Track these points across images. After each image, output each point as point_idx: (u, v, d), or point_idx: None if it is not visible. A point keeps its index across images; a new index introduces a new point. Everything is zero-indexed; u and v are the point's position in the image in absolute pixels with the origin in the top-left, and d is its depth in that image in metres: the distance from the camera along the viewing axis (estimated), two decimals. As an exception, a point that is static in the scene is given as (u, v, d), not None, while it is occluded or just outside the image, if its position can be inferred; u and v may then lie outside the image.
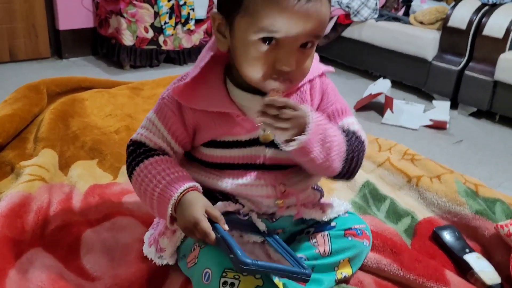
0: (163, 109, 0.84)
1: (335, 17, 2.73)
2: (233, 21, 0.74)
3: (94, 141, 1.39)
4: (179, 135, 0.84)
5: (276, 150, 0.84)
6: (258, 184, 0.84)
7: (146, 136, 0.85)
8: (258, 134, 0.83)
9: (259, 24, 0.70)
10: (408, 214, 1.17)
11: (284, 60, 0.72)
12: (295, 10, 0.68)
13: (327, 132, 0.78)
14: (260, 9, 0.70)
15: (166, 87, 1.86)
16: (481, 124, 2.19)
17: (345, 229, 0.88)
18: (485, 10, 2.25)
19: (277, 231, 0.89)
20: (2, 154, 1.30)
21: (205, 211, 0.75)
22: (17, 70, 2.48)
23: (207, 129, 0.83)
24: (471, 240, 1.10)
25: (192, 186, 0.79)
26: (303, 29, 0.70)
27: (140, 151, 0.84)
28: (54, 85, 1.62)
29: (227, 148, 0.84)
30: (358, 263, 0.89)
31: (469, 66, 2.27)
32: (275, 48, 0.72)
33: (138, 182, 0.82)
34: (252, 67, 0.74)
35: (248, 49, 0.73)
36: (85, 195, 1.17)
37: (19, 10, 2.51)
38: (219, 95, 0.81)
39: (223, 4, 0.77)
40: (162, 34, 2.61)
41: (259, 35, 0.71)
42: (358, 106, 2.21)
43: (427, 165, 1.35)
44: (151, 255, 0.91)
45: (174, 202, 0.77)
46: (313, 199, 0.93)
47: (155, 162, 0.81)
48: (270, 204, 0.86)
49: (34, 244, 1.00)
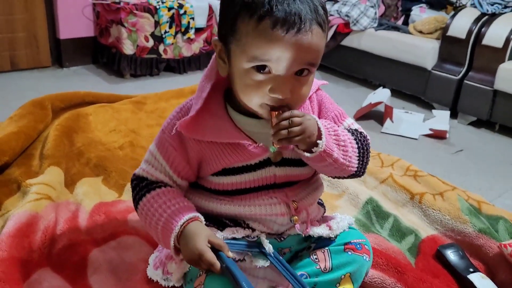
0: (164, 144, 0.84)
1: (335, 26, 2.75)
2: (230, 49, 0.76)
3: (98, 158, 1.40)
4: (181, 170, 0.85)
5: (286, 167, 0.85)
6: (271, 203, 0.85)
7: (147, 171, 0.86)
8: (268, 155, 0.83)
9: (250, 53, 0.71)
10: (411, 232, 1.18)
11: (277, 89, 0.73)
12: (284, 42, 0.69)
13: (337, 133, 0.81)
14: (251, 40, 0.71)
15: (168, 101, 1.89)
16: (481, 134, 2.20)
17: (345, 244, 0.89)
18: (484, 19, 2.27)
19: (284, 250, 0.90)
20: (9, 172, 1.31)
21: (208, 240, 0.76)
22: (18, 79, 2.48)
23: (216, 159, 0.83)
24: (474, 259, 1.11)
25: (192, 217, 0.80)
26: (294, 59, 0.71)
27: (142, 185, 0.85)
28: (59, 100, 1.63)
29: (237, 174, 0.84)
30: (359, 279, 0.89)
31: (468, 76, 2.28)
32: (269, 76, 0.73)
33: (143, 216, 0.84)
34: (247, 95, 0.76)
35: (243, 76, 0.74)
36: (91, 213, 1.17)
37: (20, 20, 2.51)
38: (225, 126, 0.81)
39: (221, 31, 0.78)
40: (162, 43, 2.62)
41: (251, 64, 0.72)
42: (357, 115, 2.22)
43: (430, 181, 1.36)
44: (157, 277, 0.92)
45: (176, 235, 0.78)
46: (318, 214, 0.94)
47: (157, 195, 0.83)
48: (284, 222, 0.86)
49: (41, 264, 1.00)
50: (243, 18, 0.72)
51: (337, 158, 0.80)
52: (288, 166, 0.86)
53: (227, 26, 0.75)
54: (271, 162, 0.84)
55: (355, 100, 2.44)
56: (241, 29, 0.72)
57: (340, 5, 2.79)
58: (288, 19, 0.69)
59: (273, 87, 0.73)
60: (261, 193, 0.85)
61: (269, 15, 0.69)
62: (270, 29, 0.69)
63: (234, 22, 0.73)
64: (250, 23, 0.71)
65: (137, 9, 2.48)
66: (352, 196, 1.32)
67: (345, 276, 0.86)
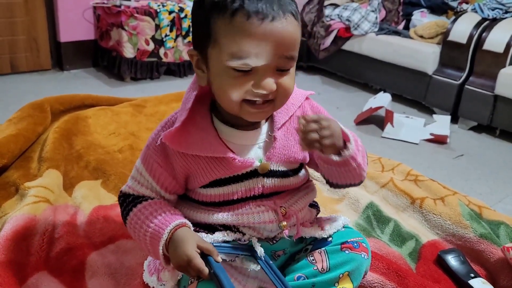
0: (149, 160, 0.84)
1: (335, 30, 2.75)
2: (206, 54, 0.75)
3: (98, 161, 1.39)
4: (168, 185, 0.85)
5: (273, 178, 0.85)
6: (259, 211, 0.84)
7: (133, 188, 0.86)
8: (255, 166, 0.83)
9: (229, 51, 0.70)
10: (412, 237, 1.17)
11: (260, 83, 0.72)
12: (260, 32, 0.69)
13: (355, 138, 0.82)
14: (227, 38, 0.70)
15: (168, 104, 1.88)
16: (482, 139, 2.20)
17: (341, 243, 0.88)
18: (485, 24, 2.27)
19: (278, 253, 0.90)
20: (7, 174, 1.30)
21: (197, 246, 0.76)
22: (18, 82, 2.48)
23: (202, 173, 0.82)
24: (475, 264, 1.10)
25: (180, 223, 0.79)
26: (273, 49, 0.70)
27: (129, 200, 0.85)
28: (58, 103, 1.63)
29: (224, 186, 0.83)
30: (358, 277, 0.88)
31: (469, 81, 2.28)
32: (250, 73, 0.72)
33: (131, 230, 0.84)
34: (228, 95, 0.73)
35: (222, 76, 0.73)
36: (89, 216, 1.17)
37: (20, 22, 2.52)
38: (209, 139, 0.80)
39: (195, 39, 0.78)
40: (162, 47, 2.62)
41: (231, 62, 0.71)
42: (358, 119, 2.22)
43: (431, 186, 1.35)
44: (153, 283, 0.91)
45: (164, 243, 0.78)
46: (310, 217, 0.94)
47: (143, 208, 0.83)
48: (273, 228, 0.86)
49: (39, 267, 0.99)
50: (215, 19, 0.71)
51: (360, 163, 0.81)
52: (276, 178, 0.85)
53: (200, 32, 0.75)
54: (259, 173, 0.84)
55: (356, 105, 2.44)
56: (215, 30, 0.72)
57: (341, 9, 2.80)
58: (261, 10, 0.69)
59: (256, 82, 0.72)
60: (249, 202, 0.85)
61: (241, 9, 0.69)
62: (245, 21, 0.69)
63: (207, 25, 0.72)
64: (223, 22, 0.70)
65: (138, 12, 2.49)
66: (353, 200, 1.31)
67: (343, 275, 0.85)
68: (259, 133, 0.84)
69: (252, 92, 0.73)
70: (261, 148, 0.84)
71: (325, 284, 0.85)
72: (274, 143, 0.83)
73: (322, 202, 1.30)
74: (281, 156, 0.84)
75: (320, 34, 2.79)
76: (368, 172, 1.40)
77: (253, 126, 0.83)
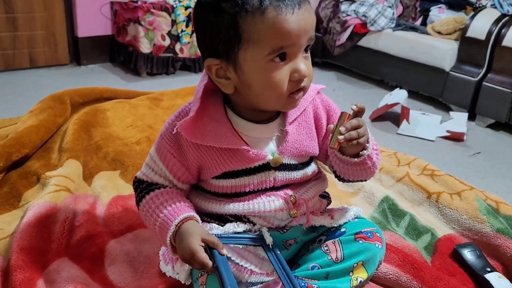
0: (162, 150, 0.85)
1: (352, 26, 2.74)
2: (236, 58, 0.75)
3: (116, 152, 1.41)
4: (181, 175, 0.86)
5: (285, 171, 0.86)
6: (269, 200, 0.85)
7: (147, 175, 0.88)
8: (268, 159, 0.84)
9: (269, 46, 0.72)
10: (428, 230, 1.17)
11: (301, 69, 0.75)
12: (293, 21, 0.71)
13: (371, 137, 0.84)
14: (265, 33, 0.71)
15: (184, 98, 1.90)
16: (499, 136, 2.17)
17: (355, 233, 0.89)
18: (504, 20, 2.24)
19: (289, 242, 0.91)
20: (28, 164, 1.33)
21: (202, 239, 0.77)
22: (36, 76, 2.52)
23: (215, 164, 0.83)
24: (492, 259, 1.09)
25: (187, 216, 0.80)
26: (304, 35, 0.74)
27: (143, 187, 0.87)
28: (77, 95, 1.65)
29: (237, 178, 0.85)
30: (372, 266, 0.89)
31: (487, 77, 2.25)
32: (287, 62, 0.75)
33: (143, 217, 0.87)
34: (277, 89, 0.75)
35: (265, 73, 0.74)
36: (108, 206, 1.19)
37: (39, 18, 2.56)
38: (224, 131, 0.81)
39: (216, 47, 0.76)
40: (178, 42, 2.64)
41: (272, 57, 0.73)
42: (373, 116, 2.21)
43: (447, 181, 1.35)
44: (169, 272, 0.93)
45: (171, 235, 0.79)
46: (320, 207, 0.94)
47: (155, 196, 0.84)
48: (284, 217, 0.87)
49: (60, 254, 1.02)
50: (245, 20, 0.71)
51: (375, 162, 0.83)
52: (288, 171, 0.87)
53: (225, 38, 0.74)
54: (271, 166, 0.85)
55: (371, 101, 2.42)
56: (248, 31, 0.72)
57: (357, 5, 2.78)
58: (288, 1, 0.71)
59: (295, 69, 0.75)
60: (260, 194, 0.86)
61: (271, 4, 0.70)
62: (279, 14, 0.70)
63: (235, 29, 0.72)
64: (256, 21, 0.71)
65: (154, 8, 2.51)
66: (368, 194, 1.31)
67: (357, 264, 0.86)
68: (272, 127, 0.85)
69: (293, 82, 0.76)
70: (274, 141, 0.85)
71: (339, 273, 0.85)
72: (286, 137, 0.84)
73: (337, 195, 1.30)
74: (293, 150, 0.85)
75: (336, 30, 2.78)
76: (383, 166, 1.42)
77: (266, 120, 0.84)
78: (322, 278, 0.85)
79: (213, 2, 0.73)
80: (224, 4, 0.72)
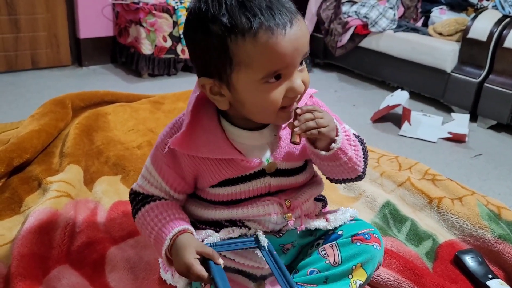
0: (158, 161, 0.85)
1: (353, 27, 2.73)
2: (229, 79, 0.73)
3: (117, 157, 1.41)
4: (177, 186, 0.86)
5: (280, 177, 0.86)
6: (264, 204, 0.86)
7: (143, 187, 0.88)
8: (263, 166, 0.84)
9: (263, 70, 0.71)
10: (429, 236, 1.17)
11: (297, 87, 0.74)
12: (287, 41, 0.69)
13: (348, 132, 0.83)
14: (258, 57, 0.70)
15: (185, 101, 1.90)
16: (501, 138, 2.17)
17: (352, 235, 0.88)
18: (506, 22, 2.23)
19: (286, 246, 0.91)
20: (29, 169, 1.33)
21: (196, 252, 0.77)
22: (38, 77, 2.52)
23: (211, 173, 0.83)
24: (493, 265, 1.09)
25: (181, 230, 0.80)
26: (298, 51, 0.72)
27: (138, 199, 0.87)
28: (79, 99, 1.65)
29: (233, 185, 0.85)
30: (371, 268, 0.88)
31: (489, 79, 2.24)
32: (283, 82, 0.73)
33: (139, 229, 0.87)
34: (271, 107, 0.75)
35: (258, 93, 0.73)
36: (109, 211, 1.19)
37: (41, 19, 2.56)
38: (218, 141, 0.81)
39: (209, 68, 0.75)
40: (180, 43, 2.64)
41: (267, 78, 0.72)
42: (375, 117, 2.21)
43: (448, 186, 1.34)
44: (169, 280, 0.93)
45: (166, 249, 0.80)
46: (315, 209, 0.94)
47: (151, 209, 0.85)
48: (278, 220, 0.87)
49: (60, 261, 1.02)
50: (236, 43, 0.69)
51: (351, 157, 0.81)
52: (283, 176, 0.87)
53: (216, 60, 0.73)
54: (266, 172, 0.85)
55: (373, 102, 2.42)
56: (239, 54, 0.70)
57: (358, 6, 2.77)
58: (279, 20, 0.69)
59: (290, 88, 0.74)
60: (256, 200, 0.86)
61: (262, 26, 0.68)
62: (271, 36, 0.69)
63: (225, 52, 0.71)
64: (247, 43, 0.69)
65: (156, 9, 2.51)
66: (369, 199, 1.31)
67: (356, 266, 0.85)
68: (265, 133, 0.85)
69: (288, 98, 0.75)
70: (267, 148, 0.85)
71: (338, 276, 0.85)
72: (279, 142, 0.84)
73: (338, 200, 1.30)
74: (286, 155, 0.85)
75: (337, 31, 2.78)
76: (385, 171, 1.41)
77: (260, 126, 0.84)
78: (321, 282, 0.84)
79: (201, 23, 0.71)
80: (212, 26, 0.70)
